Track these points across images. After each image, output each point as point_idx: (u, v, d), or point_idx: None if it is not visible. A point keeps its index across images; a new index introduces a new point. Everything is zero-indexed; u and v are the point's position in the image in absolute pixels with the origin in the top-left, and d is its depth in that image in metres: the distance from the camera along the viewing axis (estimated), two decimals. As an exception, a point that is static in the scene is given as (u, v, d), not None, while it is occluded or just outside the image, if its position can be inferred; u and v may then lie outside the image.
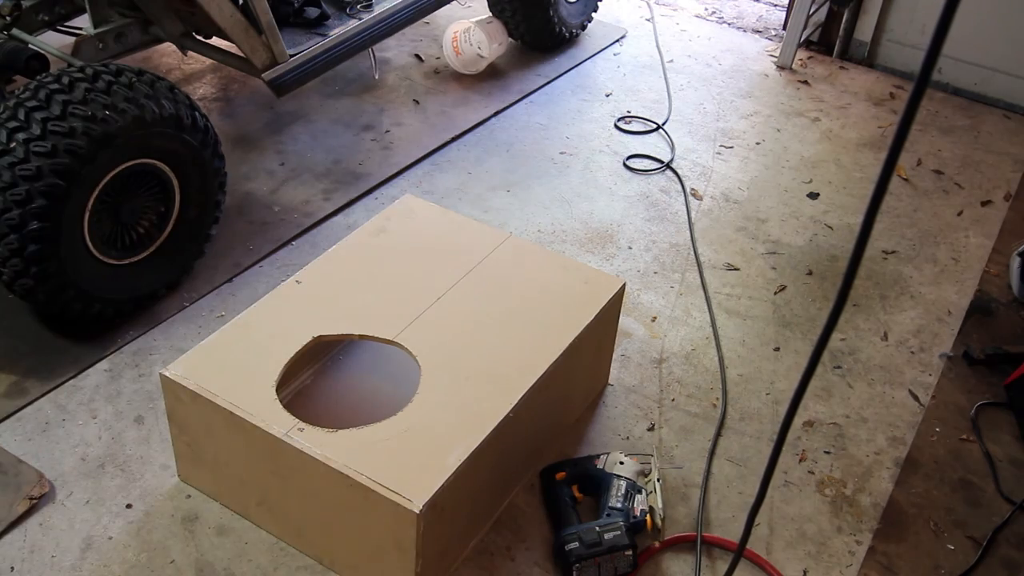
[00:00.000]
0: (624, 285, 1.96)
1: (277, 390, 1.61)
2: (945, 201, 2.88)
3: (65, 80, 1.91)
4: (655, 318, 2.34)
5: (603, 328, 1.95)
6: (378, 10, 2.85)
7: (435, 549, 1.55)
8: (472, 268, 1.93)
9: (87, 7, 2.37)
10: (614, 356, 2.14)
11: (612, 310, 1.95)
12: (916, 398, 2.15)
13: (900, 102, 3.44)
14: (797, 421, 2.05)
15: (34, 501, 1.73)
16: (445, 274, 1.90)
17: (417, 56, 3.51)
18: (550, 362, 1.72)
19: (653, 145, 3.07)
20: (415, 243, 1.99)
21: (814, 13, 3.55)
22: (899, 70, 3.62)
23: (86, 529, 1.72)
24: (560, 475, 1.82)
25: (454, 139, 3.02)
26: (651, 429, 2.02)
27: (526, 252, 2.01)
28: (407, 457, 1.51)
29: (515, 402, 1.63)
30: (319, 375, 1.97)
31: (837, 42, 3.70)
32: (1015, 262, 2.52)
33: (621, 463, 1.81)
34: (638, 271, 2.50)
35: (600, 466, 1.82)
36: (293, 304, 1.80)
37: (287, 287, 1.86)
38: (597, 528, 1.66)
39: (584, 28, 3.71)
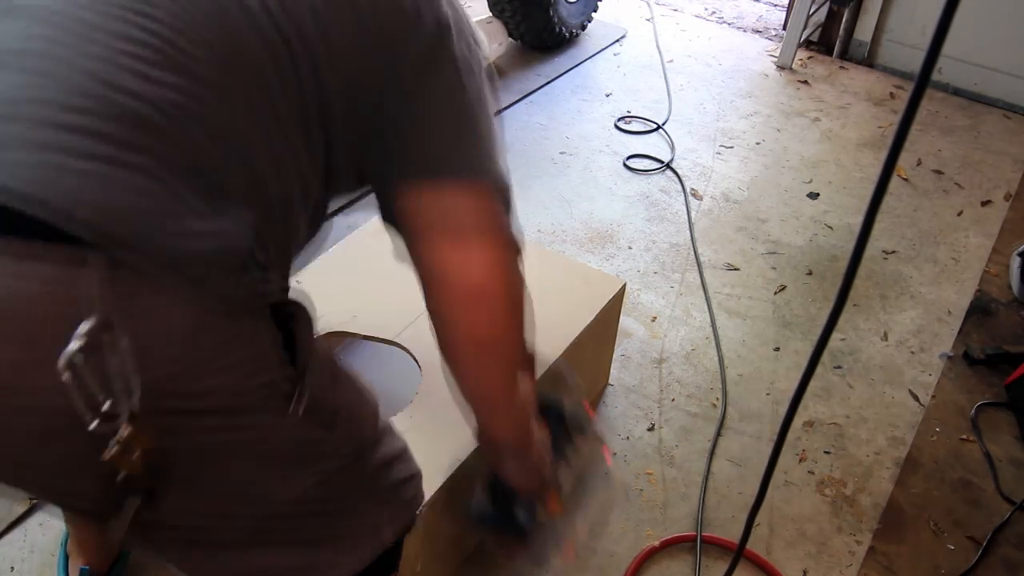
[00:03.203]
0: (624, 285, 1.95)
1: None
2: (945, 201, 2.88)
3: None
4: (655, 318, 2.34)
5: (603, 328, 1.94)
6: (378, 10, 2.85)
7: (435, 549, 1.55)
8: None
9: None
10: (614, 356, 2.14)
11: (612, 310, 1.94)
12: (916, 398, 2.15)
13: (900, 102, 3.44)
14: (797, 421, 2.05)
15: (34, 501, 1.73)
16: None
17: (417, 56, 3.51)
18: (550, 362, 1.72)
19: (653, 145, 3.07)
20: None
21: (814, 13, 3.55)
22: (899, 70, 3.62)
23: (86, 529, 1.72)
24: None
25: (454, 139, 3.02)
26: (651, 429, 2.02)
27: (526, 252, 2.00)
28: None
29: None
30: None
31: (837, 42, 3.70)
32: (1015, 262, 2.53)
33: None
34: (638, 271, 2.50)
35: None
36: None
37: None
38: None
39: (584, 28, 3.71)
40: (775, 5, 4.20)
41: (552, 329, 1.78)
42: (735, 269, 2.53)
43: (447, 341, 1.00)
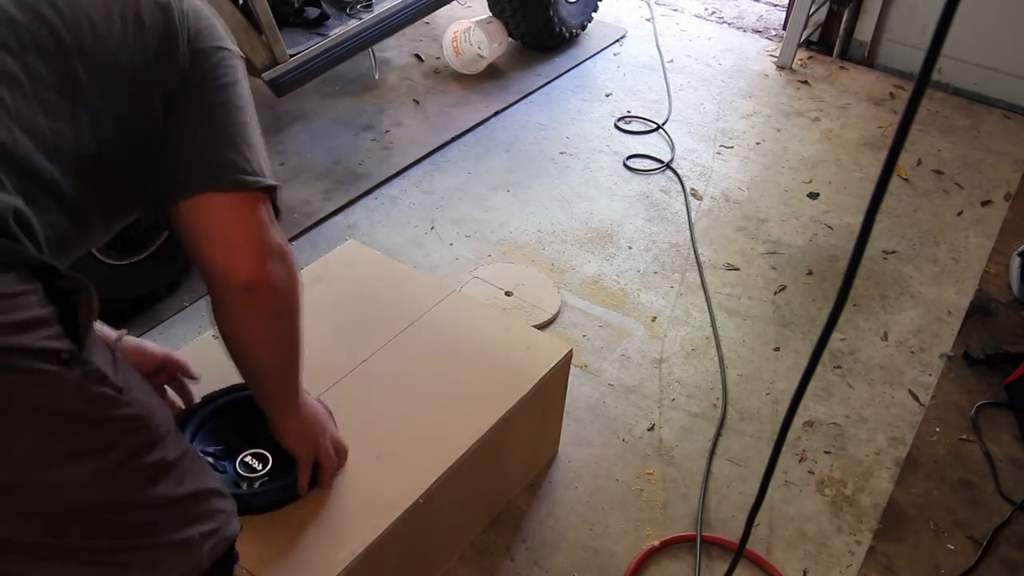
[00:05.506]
0: (571, 352, 1.76)
1: None
2: (945, 201, 2.88)
3: None
4: (655, 318, 2.34)
5: (547, 398, 1.77)
6: (378, 10, 2.85)
7: None
8: (406, 328, 1.76)
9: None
10: (613, 356, 2.14)
11: (557, 378, 1.76)
12: (916, 398, 2.15)
13: (900, 102, 3.44)
14: (797, 421, 2.05)
15: None
16: (375, 333, 1.74)
17: (417, 56, 3.51)
18: (475, 439, 1.54)
19: (653, 145, 3.07)
20: (349, 296, 1.83)
21: (814, 13, 3.55)
22: (899, 70, 3.62)
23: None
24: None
25: (454, 139, 3.02)
26: (651, 429, 2.02)
27: (467, 310, 1.82)
28: (296, 549, 1.36)
29: (425, 488, 1.45)
30: None
31: (837, 42, 3.70)
32: (1015, 262, 2.53)
33: None
34: (638, 271, 2.50)
35: None
36: (207, 360, 1.49)
37: (203, 342, 1.66)
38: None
39: (584, 28, 3.71)
40: (775, 5, 4.20)
41: (484, 401, 1.62)
42: (735, 269, 2.53)
43: (225, 331, 1.14)
